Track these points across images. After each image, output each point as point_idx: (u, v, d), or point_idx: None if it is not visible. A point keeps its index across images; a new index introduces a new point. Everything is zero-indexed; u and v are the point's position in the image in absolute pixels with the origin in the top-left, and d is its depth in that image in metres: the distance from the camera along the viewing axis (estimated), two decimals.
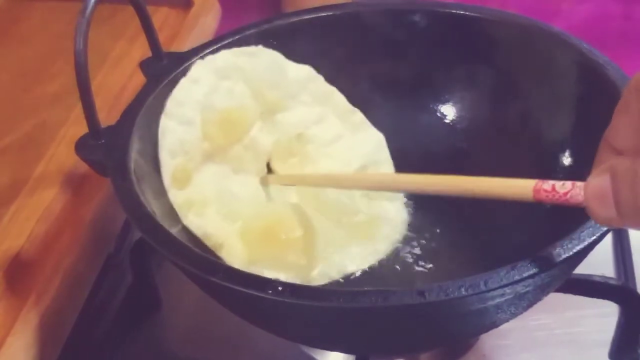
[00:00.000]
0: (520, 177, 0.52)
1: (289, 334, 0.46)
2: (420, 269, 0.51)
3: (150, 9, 0.52)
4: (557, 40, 0.51)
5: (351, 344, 0.44)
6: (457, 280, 0.36)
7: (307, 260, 0.49)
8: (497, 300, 0.38)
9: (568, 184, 0.35)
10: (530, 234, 0.49)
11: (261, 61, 0.52)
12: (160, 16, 0.66)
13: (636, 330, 0.49)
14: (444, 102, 0.57)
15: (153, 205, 0.44)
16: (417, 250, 0.52)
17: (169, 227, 0.42)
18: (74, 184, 0.51)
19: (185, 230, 0.48)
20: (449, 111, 0.57)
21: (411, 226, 0.54)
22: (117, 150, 0.45)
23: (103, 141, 0.46)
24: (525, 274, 0.36)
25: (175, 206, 0.47)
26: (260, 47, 0.53)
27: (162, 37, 0.53)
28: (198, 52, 0.52)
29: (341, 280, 0.50)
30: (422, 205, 0.55)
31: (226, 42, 0.53)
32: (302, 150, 0.54)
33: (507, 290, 0.37)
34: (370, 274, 0.51)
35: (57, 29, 0.65)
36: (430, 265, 0.51)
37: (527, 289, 0.38)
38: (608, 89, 0.46)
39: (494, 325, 0.42)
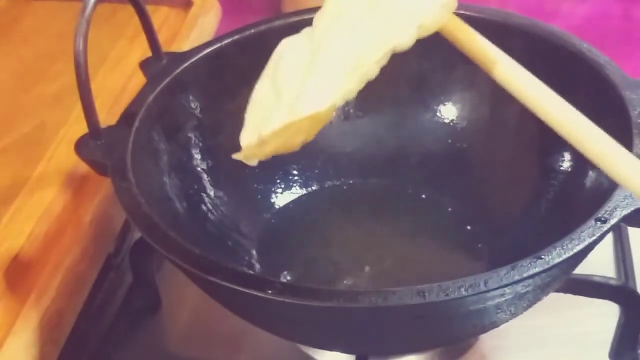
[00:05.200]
0: (520, 177, 0.53)
1: (289, 334, 0.46)
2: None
3: (150, 8, 0.52)
4: (557, 40, 0.51)
5: (351, 344, 0.44)
6: (457, 280, 0.36)
7: None
8: (497, 300, 0.38)
9: None
10: (530, 234, 0.49)
11: None
12: (160, 16, 0.66)
13: (636, 330, 0.49)
14: (443, 102, 0.57)
15: None
16: None
17: None
18: (74, 184, 0.51)
19: None
20: (449, 111, 0.57)
21: None
22: (117, 150, 0.45)
23: (103, 141, 0.46)
24: (525, 274, 0.36)
25: None
26: None
27: (162, 37, 0.53)
28: (198, 51, 0.53)
29: None
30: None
31: (226, 42, 0.53)
32: None
33: (507, 290, 0.37)
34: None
35: (57, 29, 0.64)
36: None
37: (527, 289, 0.38)
38: (608, 89, 0.46)
39: (494, 325, 0.42)
